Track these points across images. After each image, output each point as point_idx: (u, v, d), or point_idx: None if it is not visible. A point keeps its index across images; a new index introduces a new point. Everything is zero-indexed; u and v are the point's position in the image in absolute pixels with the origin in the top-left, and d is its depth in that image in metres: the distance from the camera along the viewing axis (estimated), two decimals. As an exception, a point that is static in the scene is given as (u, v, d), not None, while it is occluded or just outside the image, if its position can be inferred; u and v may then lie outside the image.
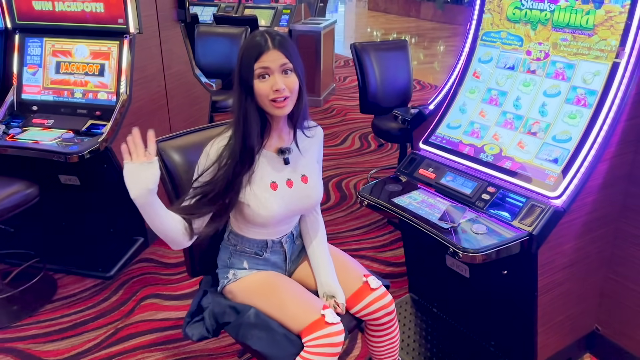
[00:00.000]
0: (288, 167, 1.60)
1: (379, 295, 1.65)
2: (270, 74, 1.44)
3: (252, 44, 1.45)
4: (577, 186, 1.66)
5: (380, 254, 3.02)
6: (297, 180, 1.61)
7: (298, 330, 1.51)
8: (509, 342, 2.05)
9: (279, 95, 1.44)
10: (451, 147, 2.01)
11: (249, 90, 1.46)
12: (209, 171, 1.51)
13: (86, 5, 2.64)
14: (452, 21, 12.44)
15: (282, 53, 1.44)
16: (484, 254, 1.56)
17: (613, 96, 1.65)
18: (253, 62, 1.43)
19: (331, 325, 1.48)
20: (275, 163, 1.59)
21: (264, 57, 1.43)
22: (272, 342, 1.49)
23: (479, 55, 2.07)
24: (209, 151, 1.53)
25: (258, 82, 1.45)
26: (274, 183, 1.57)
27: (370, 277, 1.69)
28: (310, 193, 1.64)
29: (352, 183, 3.95)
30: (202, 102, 3.48)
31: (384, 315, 1.67)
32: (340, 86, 6.75)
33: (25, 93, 2.77)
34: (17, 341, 2.32)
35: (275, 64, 1.44)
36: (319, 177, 1.69)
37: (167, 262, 2.91)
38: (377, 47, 3.51)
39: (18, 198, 2.35)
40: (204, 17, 5.89)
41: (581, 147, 1.67)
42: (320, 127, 1.72)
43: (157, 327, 2.40)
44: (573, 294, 1.95)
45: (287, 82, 1.45)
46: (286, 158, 1.59)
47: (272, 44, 1.44)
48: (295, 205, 1.62)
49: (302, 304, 1.55)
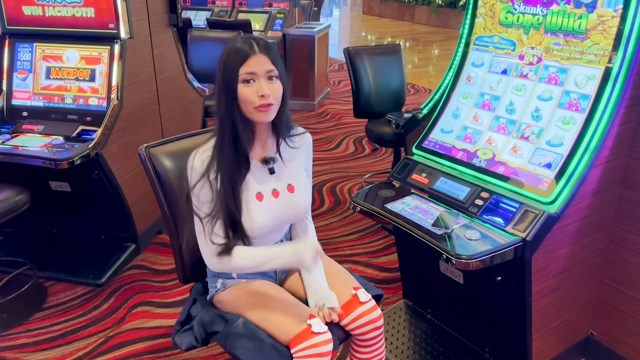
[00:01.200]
0: (273, 177, 1.57)
1: (368, 309, 1.60)
2: (256, 79, 1.41)
3: (236, 49, 1.42)
4: (571, 191, 1.65)
5: (375, 259, 3.00)
6: (283, 189, 1.58)
7: (286, 341, 1.48)
8: (504, 348, 2.03)
9: (264, 102, 1.41)
10: (444, 152, 2.00)
11: (233, 96, 1.42)
12: (201, 187, 1.47)
13: (77, 10, 2.62)
14: (446, 25, 12.48)
15: (268, 58, 1.42)
16: (478, 260, 1.54)
17: (606, 100, 1.64)
18: (238, 66, 1.40)
19: (318, 335, 1.45)
20: (260, 173, 1.55)
21: (249, 61, 1.40)
22: (260, 353, 1.46)
23: (472, 59, 2.06)
24: (192, 164, 1.48)
25: (242, 87, 1.41)
26: (259, 194, 1.54)
27: (360, 289, 1.64)
28: (297, 202, 1.61)
29: (346, 187, 3.94)
30: (195, 107, 3.46)
31: (371, 329, 1.62)
32: (334, 90, 6.75)
33: (15, 99, 2.75)
34: (6, 350, 2.28)
35: (261, 69, 1.41)
36: (306, 185, 1.65)
37: (158, 269, 2.88)
38: (370, 51, 3.50)
39: (8, 205, 2.32)
40: (197, 22, 5.87)
41: (575, 152, 1.66)
42: (308, 133, 1.68)
43: (148, 336, 2.37)
44: (568, 300, 1.94)
45: (272, 88, 1.42)
46: (271, 168, 1.56)
47: (258, 49, 1.41)
48: (282, 216, 1.59)
49: (288, 314, 1.52)
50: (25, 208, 2.39)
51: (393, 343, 2.22)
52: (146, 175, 1.67)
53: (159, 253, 3.04)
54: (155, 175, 1.65)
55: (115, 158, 2.66)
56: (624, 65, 1.62)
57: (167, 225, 1.71)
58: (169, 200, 1.67)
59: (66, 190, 2.80)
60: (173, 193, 1.66)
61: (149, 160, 1.64)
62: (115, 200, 2.78)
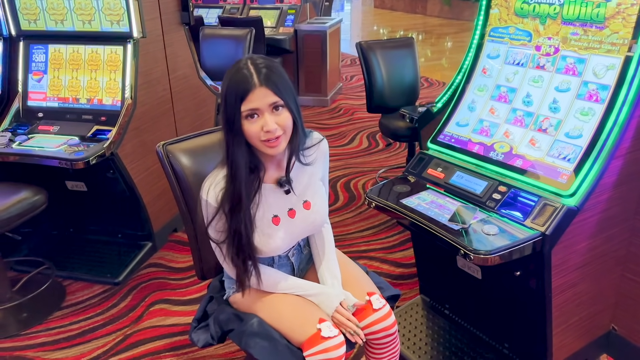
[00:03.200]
0: (289, 197, 1.53)
1: (381, 317, 1.57)
2: (260, 114, 1.34)
3: (236, 79, 1.33)
4: (591, 184, 1.62)
5: (390, 255, 2.98)
6: (300, 208, 1.54)
7: (297, 343, 1.48)
8: (523, 344, 2.01)
9: (270, 137, 1.35)
10: (460, 146, 1.97)
11: (238, 132, 1.35)
12: (217, 221, 1.45)
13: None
14: (459, 17, 12.36)
15: (269, 89, 1.32)
16: (497, 255, 1.52)
17: (626, 91, 1.61)
18: (239, 103, 1.32)
19: (328, 339, 1.43)
20: (276, 195, 1.51)
21: (250, 96, 1.31)
22: (274, 352, 1.46)
23: (487, 51, 2.03)
24: (207, 200, 1.45)
25: (247, 122, 1.34)
26: (275, 217, 1.50)
27: (374, 295, 1.59)
28: (314, 218, 1.57)
29: (361, 183, 3.92)
30: (208, 105, 3.46)
31: (384, 336, 1.60)
32: (347, 85, 6.72)
33: (30, 100, 2.77)
34: (26, 349, 2.31)
35: (264, 102, 1.33)
36: (323, 198, 1.60)
37: (175, 267, 2.89)
38: (383, 45, 3.47)
39: (26, 205, 2.34)
40: (209, 19, 5.88)
41: (594, 143, 1.63)
42: (324, 140, 1.60)
43: (166, 333, 2.38)
44: (588, 294, 1.91)
45: (279, 120, 1.35)
46: (287, 190, 1.51)
47: (259, 80, 1.32)
48: (299, 234, 1.58)
49: (299, 318, 1.51)
50: (43, 208, 2.41)
51: (410, 339, 2.20)
52: (163, 173, 1.67)
53: (176, 251, 3.05)
54: (173, 173, 1.65)
55: (130, 157, 2.68)
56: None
57: (185, 222, 1.71)
58: (186, 198, 1.67)
59: (82, 190, 2.83)
60: (190, 190, 1.65)
61: (167, 158, 1.64)
62: (131, 199, 2.80)
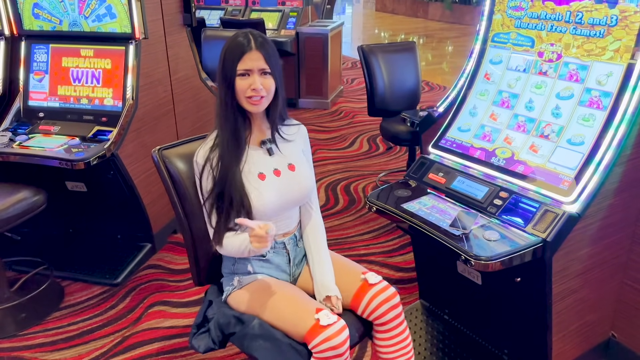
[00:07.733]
0: (273, 158, 1.64)
1: (380, 289, 1.61)
2: (251, 74, 1.54)
3: (235, 44, 1.54)
4: (592, 191, 1.62)
5: (390, 259, 2.97)
6: (284, 168, 1.65)
7: (300, 338, 1.49)
8: (523, 350, 2.00)
9: (255, 94, 1.54)
10: (462, 151, 1.97)
11: (231, 86, 1.55)
12: (206, 178, 1.58)
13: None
14: (460, 21, 12.37)
15: (262, 55, 1.54)
16: (497, 261, 1.52)
17: (629, 98, 1.60)
18: (236, 62, 1.53)
19: (328, 327, 1.45)
20: (260, 155, 1.64)
21: (245, 57, 1.53)
22: (278, 353, 1.47)
23: (489, 56, 2.03)
24: (196, 159, 1.61)
25: (239, 79, 1.55)
26: (261, 174, 1.61)
27: (368, 273, 1.66)
28: (299, 180, 1.66)
29: (361, 186, 3.92)
30: (209, 106, 3.45)
31: (388, 309, 1.60)
32: (348, 88, 6.72)
33: (31, 100, 2.77)
34: (24, 350, 2.30)
35: (255, 65, 1.53)
36: (307, 166, 1.72)
37: (174, 269, 2.89)
38: (384, 49, 3.47)
39: (25, 205, 2.34)
40: (211, 21, 5.88)
41: (596, 150, 1.63)
42: (302, 125, 1.77)
43: (164, 335, 2.37)
44: (588, 301, 1.90)
45: (264, 82, 1.55)
46: (269, 148, 1.64)
47: (255, 45, 1.53)
48: (287, 194, 1.63)
49: (296, 310, 1.54)
50: (42, 208, 2.41)
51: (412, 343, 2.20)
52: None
53: (175, 252, 3.04)
54: (169, 178, 1.65)
55: (130, 158, 2.67)
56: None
57: (181, 227, 1.71)
58: (182, 202, 1.67)
59: (82, 191, 2.82)
60: (187, 195, 1.65)
61: (162, 163, 1.65)
62: (130, 200, 2.79)
